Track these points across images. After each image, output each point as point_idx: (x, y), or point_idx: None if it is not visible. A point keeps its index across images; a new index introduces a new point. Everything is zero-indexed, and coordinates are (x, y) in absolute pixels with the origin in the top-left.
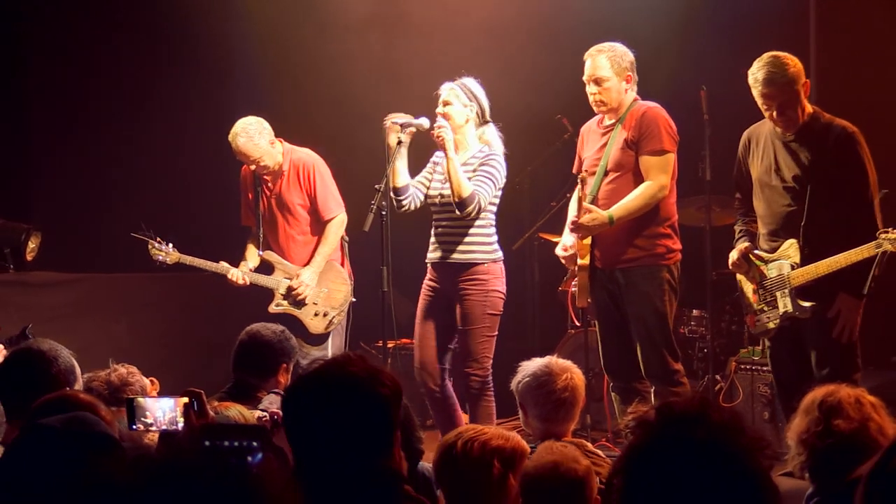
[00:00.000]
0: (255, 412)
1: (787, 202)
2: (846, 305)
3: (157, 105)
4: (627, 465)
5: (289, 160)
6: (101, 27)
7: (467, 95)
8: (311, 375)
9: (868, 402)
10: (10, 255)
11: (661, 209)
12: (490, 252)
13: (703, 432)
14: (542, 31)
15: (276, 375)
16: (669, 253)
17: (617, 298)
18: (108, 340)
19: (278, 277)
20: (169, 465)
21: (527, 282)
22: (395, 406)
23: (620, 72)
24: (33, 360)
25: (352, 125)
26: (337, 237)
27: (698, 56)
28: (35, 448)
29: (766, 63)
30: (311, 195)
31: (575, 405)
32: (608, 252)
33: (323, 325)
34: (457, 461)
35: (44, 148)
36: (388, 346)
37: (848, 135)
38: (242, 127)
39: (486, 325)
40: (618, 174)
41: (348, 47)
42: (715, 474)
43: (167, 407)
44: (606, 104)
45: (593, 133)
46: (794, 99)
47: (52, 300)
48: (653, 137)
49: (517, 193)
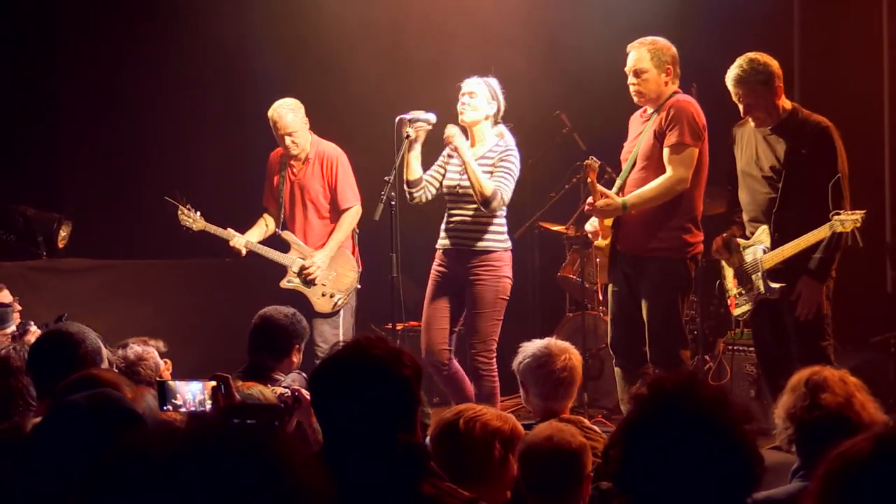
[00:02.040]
0: (277, 389)
1: (766, 191)
2: (806, 286)
3: (180, 100)
4: (622, 437)
5: (315, 150)
6: (127, 24)
7: (491, 94)
8: (338, 357)
9: (851, 381)
10: (43, 243)
11: (684, 202)
12: (503, 241)
13: (691, 406)
14: (543, 31)
15: (289, 356)
16: (688, 246)
17: (632, 282)
18: (133, 323)
19: (293, 256)
20: (196, 439)
21: (528, 268)
22: (417, 385)
23: (660, 65)
24: (62, 342)
25: (363, 121)
26: (350, 226)
27: (689, 54)
28: (62, 424)
29: (738, 64)
30: (332, 185)
31: (573, 384)
32: (629, 238)
33: (329, 305)
34: (459, 440)
35: (74, 143)
36: (396, 329)
37: (822, 129)
38: (283, 102)
39: (496, 309)
40: (646, 164)
41: (360, 46)
42: (703, 444)
43: (196, 390)
44: (644, 95)
45: (636, 122)
46: (761, 99)
47: (81, 285)
48: (675, 131)
49: (518, 185)
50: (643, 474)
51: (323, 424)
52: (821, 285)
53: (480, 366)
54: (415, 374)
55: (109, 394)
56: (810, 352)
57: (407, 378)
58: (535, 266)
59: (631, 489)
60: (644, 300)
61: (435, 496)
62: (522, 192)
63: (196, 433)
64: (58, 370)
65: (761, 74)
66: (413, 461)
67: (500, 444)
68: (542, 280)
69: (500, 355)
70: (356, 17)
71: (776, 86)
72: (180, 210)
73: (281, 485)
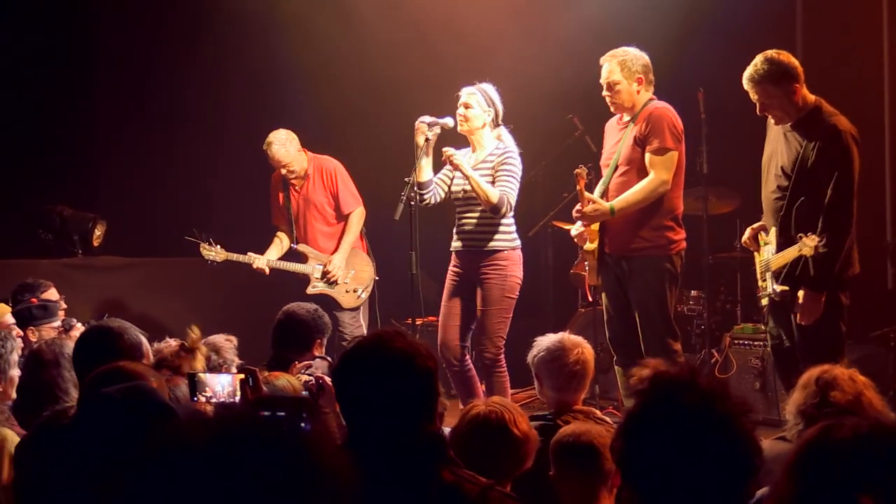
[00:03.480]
0: (303, 377)
1: (775, 190)
2: (805, 297)
3: (206, 109)
4: (626, 429)
5: (313, 165)
6: (160, 32)
7: (486, 101)
8: (360, 350)
9: (861, 380)
10: (79, 242)
11: (666, 202)
12: (510, 240)
13: (691, 397)
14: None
15: (310, 350)
16: (672, 244)
17: (622, 282)
18: (164, 317)
19: (312, 264)
20: (227, 429)
21: (541, 265)
22: (436, 377)
23: (630, 75)
24: (103, 337)
25: (384, 125)
26: (358, 227)
27: (696, 60)
28: (97, 415)
29: (752, 63)
30: (335, 194)
31: (585, 377)
32: (616, 240)
33: (354, 299)
34: (496, 436)
35: (108, 147)
36: (416, 323)
37: (834, 132)
38: (275, 137)
39: (503, 307)
40: (627, 168)
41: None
42: (703, 435)
43: (225, 382)
44: (619, 105)
45: (613, 129)
46: (774, 98)
47: (115, 282)
48: (657, 136)
49: (532, 185)
50: (645, 465)
51: (346, 415)
52: (819, 295)
53: (489, 362)
54: (435, 367)
55: (142, 387)
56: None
57: (429, 370)
58: (548, 263)
59: (634, 479)
60: (635, 297)
61: (455, 482)
62: (536, 193)
63: (226, 423)
64: (99, 365)
65: (774, 74)
66: (434, 449)
67: (529, 446)
68: (555, 277)
69: (515, 349)
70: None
71: (791, 85)
72: (202, 246)
73: (308, 473)
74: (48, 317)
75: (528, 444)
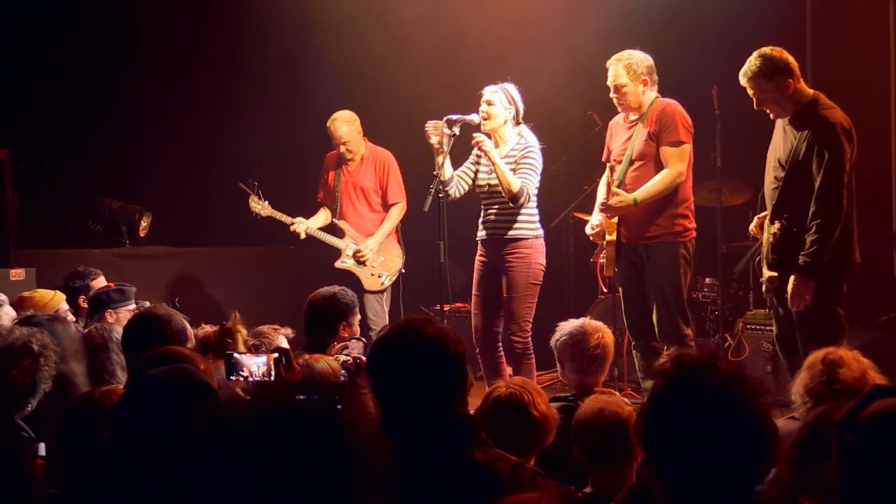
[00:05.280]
0: (341, 357)
1: (773, 180)
2: (795, 282)
3: (247, 102)
4: (648, 410)
5: (370, 152)
6: (201, 31)
7: (508, 99)
8: (391, 337)
9: (865, 360)
10: (126, 232)
11: (679, 193)
12: (533, 229)
13: (711, 380)
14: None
15: (336, 332)
16: (686, 231)
17: (639, 269)
18: (206, 304)
19: (347, 241)
20: (265, 410)
21: (563, 254)
22: (465, 361)
23: (636, 77)
24: (151, 323)
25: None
26: (398, 218)
27: (709, 58)
28: (144, 395)
29: (747, 60)
30: (384, 183)
31: (605, 360)
32: (632, 229)
33: (377, 283)
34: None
35: (153, 142)
36: (444, 310)
37: (823, 124)
38: (339, 114)
39: (528, 293)
40: (641, 163)
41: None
42: (721, 415)
43: (260, 362)
44: (626, 106)
45: (620, 127)
46: (768, 93)
47: (160, 270)
48: (671, 131)
49: (554, 179)
50: (666, 443)
51: (380, 400)
52: (808, 281)
53: (517, 346)
54: (464, 351)
55: (186, 369)
56: (812, 339)
57: (459, 354)
58: (569, 252)
59: (655, 456)
60: (651, 282)
61: (486, 462)
62: (558, 185)
63: (264, 405)
64: (146, 348)
65: (766, 70)
66: (465, 431)
67: (549, 425)
68: (576, 265)
69: (538, 333)
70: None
71: (784, 80)
72: (251, 197)
73: (342, 453)
74: (124, 300)
75: (548, 423)
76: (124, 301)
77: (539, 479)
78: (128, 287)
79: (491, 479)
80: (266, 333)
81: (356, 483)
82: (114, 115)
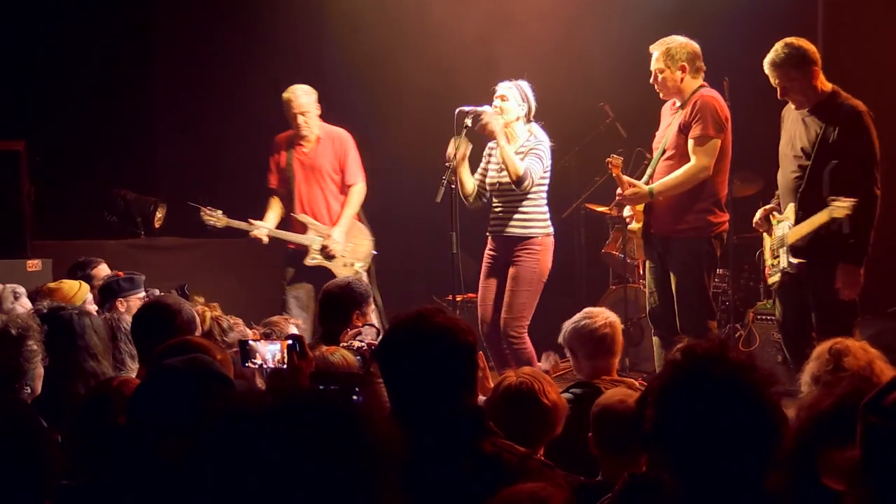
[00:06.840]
0: (355, 343)
1: (795, 170)
2: (842, 272)
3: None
4: (657, 398)
5: (325, 132)
6: (216, 28)
7: (521, 96)
8: (402, 326)
9: (872, 351)
10: (141, 223)
11: (707, 187)
12: (543, 227)
13: (721, 369)
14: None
15: (350, 321)
16: (712, 226)
17: (664, 261)
18: (220, 294)
19: (312, 236)
20: (280, 400)
21: (574, 245)
22: (476, 351)
23: (673, 63)
24: (161, 312)
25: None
26: (359, 201)
27: (721, 49)
28: (161, 384)
29: (774, 49)
30: (343, 162)
31: (615, 341)
32: (659, 221)
33: (351, 273)
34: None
35: (168, 135)
36: (456, 300)
37: (855, 112)
38: (299, 86)
39: (531, 289)
40: (673, 153)
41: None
42: (731, 404)
43: (275, 349)
44: (665, 91)
45: (666, 112)
46: (795, 82)
47: (174, 260)
48: (700, 123)
49: (566, 170)
50: (677, 433)
51: (391, 390)
52: (858, 268)
53: (513, 339)
54: (476, 342)
55: (202, 359)
56: (833, 328)
57: (469, 344)
58: (581, 243)
59: (665, 446)
60: (673, 276)
61: (495, 453)
62: (569, 176)
63: (283, 395)
64: (158, 337)
65: (794, 58)
66: (474, 422)
67: (558, 414)
68: (587, 256)
69: (550, 325)
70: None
71: (811, 69)
72: (202, 211)
73: (356, 442)
74: (134, 288)
75: (558, 412)
76: (134, 289)
77: (547, 470)
78: (137, 275)
79: (499, 471)
80: (276, 322)
81: (371, 473)
82: (129, 107)
